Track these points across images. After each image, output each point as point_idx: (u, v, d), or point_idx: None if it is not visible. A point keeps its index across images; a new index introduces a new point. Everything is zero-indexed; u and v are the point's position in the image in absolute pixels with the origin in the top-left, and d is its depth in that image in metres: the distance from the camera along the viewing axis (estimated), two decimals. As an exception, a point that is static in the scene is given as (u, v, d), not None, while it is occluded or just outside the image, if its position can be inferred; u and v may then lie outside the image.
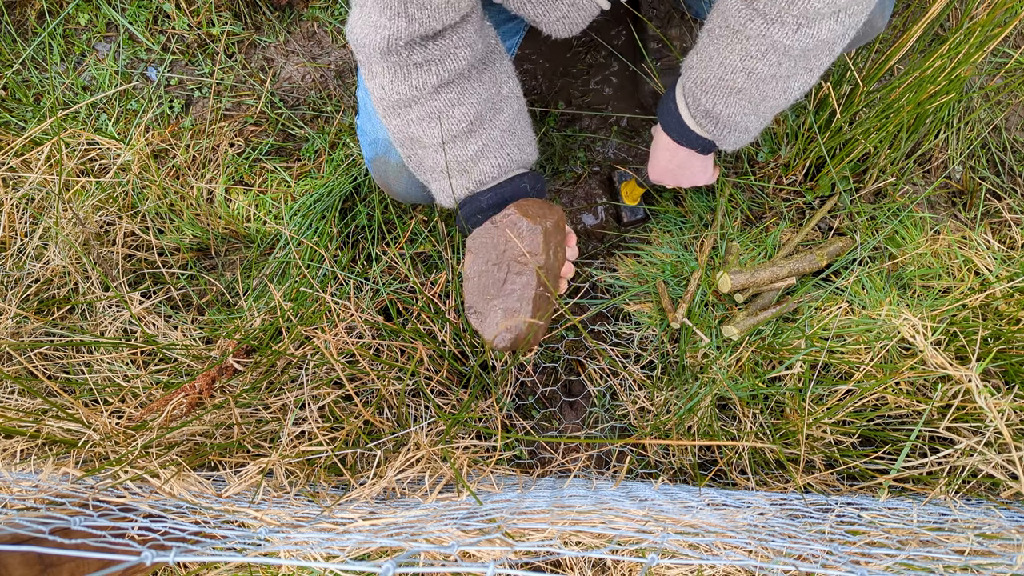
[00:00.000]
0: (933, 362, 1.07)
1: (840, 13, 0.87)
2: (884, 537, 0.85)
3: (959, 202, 1.48)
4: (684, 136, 1.09)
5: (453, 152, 1.02)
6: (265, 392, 1.20)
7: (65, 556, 0.73)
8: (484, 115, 1.02)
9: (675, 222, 1.44)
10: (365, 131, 1.19)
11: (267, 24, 1.60)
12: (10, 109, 1.56)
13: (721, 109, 1.01)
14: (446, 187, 1.05)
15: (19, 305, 1.33)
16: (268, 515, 0.89)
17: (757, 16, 0.90)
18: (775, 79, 0.95)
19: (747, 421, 1.25)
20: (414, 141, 1.02)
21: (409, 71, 0.95)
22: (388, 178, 1.17)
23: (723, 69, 0.97)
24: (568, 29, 1.11)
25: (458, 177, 1.04)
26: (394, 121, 1.01)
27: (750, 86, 0.96)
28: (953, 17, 1.49)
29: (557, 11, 1.06)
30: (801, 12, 0.86)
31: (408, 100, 0.97)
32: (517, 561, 1.04)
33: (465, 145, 1.02)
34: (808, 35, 0.89)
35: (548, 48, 1.61)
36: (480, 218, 1.07)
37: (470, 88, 1.00)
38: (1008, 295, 1.19)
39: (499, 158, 1.05)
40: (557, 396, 1.39)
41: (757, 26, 0.90)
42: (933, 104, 1.24)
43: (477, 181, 1.05)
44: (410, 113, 0.99)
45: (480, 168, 1.04)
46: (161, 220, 1.48)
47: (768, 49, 0.91)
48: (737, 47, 0.93)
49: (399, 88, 0.96)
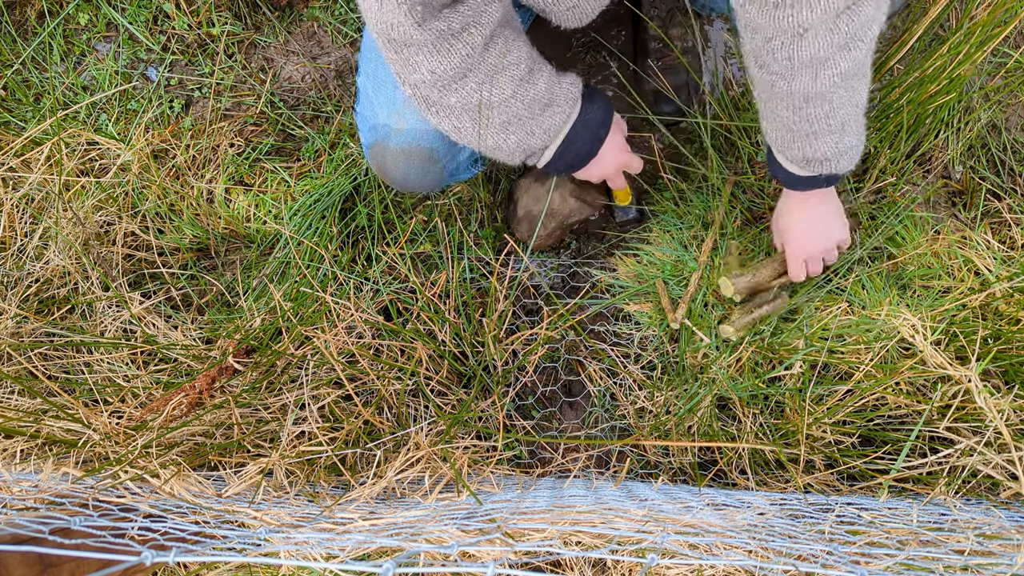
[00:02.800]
0: (933, 362, 1.07)
1: (848, 44, 0.86)
2: (884, 537, 0.85)
3: (959, 202, 1.48)
4: (802, 181, 1.10)
5: (526, 94, 1.02)
6: (265, 392, 1.20)
7: (65, 556, 0.73)
8: (532, 53, 1.03)
9: (675, 222, 1.44)
10: (365, 117, 1.18)
11: (267, 24, 1.60)
12: (10, 109, 1.56)
13: (813, 152, 1.02)
14: (536, 128, 1.07)
15: (19, 305, 1.33)
16: (268, 515, 0.89)
17: (776, 78, 0.92)
18: (837, 108, 0.95)
19: (747, 421, 1.25)
20: (482, 107, 1.01)
21: (453, 43, 0.93)
22: (386, 164, 1.16)
23: (786, 125, 0.99)
24: (578, 19, 1.10)
25: (546, 110, 1.06)
26: (454, 98, 0.99)
27: (820, 126, 0.97)
28: (953, 17, 1.49)
29: (568, 0, 1.06)
30: (806, 62, 0.87)
31: (463, 70, 0.96)
32: (517, 561, 1.04)
33: (533, 83, 1.02)
34: (830, 74, 0.89)
35: (548, 48, 1.61)
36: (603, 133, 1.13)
37: (511, 35, 1.00)
38: (1008, 295, 1.19)
39: (570, 77, 1.08)
40: (557, 396, 1.39)
41: (781, 87, 0.92)
42: (933, 104, 1.24)
43: (569, 101, 1.07)
44: (468, 82, 0.98)
45: (563, 91, 1.06)
46: (161, 220, 1.48)
47: (806, 97, 0.93)
48: (783, 104, 0.96)
49: (451, 63, 0.95)
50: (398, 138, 1.13)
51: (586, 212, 1.44)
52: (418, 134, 1.12)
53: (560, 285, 1.47)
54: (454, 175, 1.25)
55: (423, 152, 1.14)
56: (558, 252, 1.51)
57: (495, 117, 1.02)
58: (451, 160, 1.19)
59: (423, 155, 1.14)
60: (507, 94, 1.00)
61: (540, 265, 1.48)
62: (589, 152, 1.14)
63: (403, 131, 1.12)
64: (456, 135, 1.05)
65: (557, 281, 1.48)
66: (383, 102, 1.13)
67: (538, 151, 1.10)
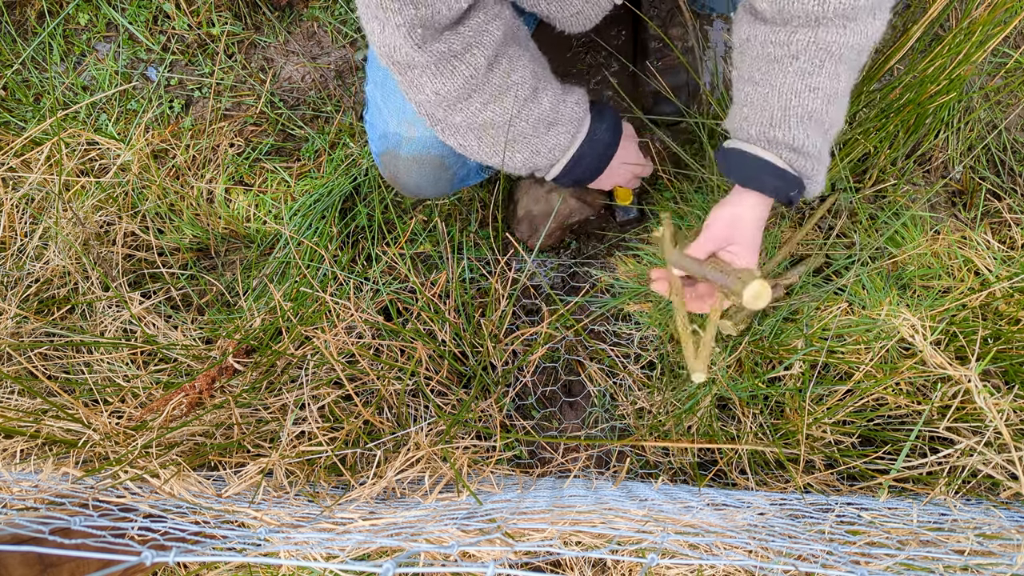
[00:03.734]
0: (933, 362, 1.07)
1: (875, 9, 0.86)
2: (884, 537, 0.85)
3: (959, 202, 1.48)
4: (779, 178, 0.94)
5: (530, 113, 1.02)
6: (265, 392, 1.20)
7: (65, 556, 0.73)
8: (537, 71, 1.03)
9: (675, 222, 1.44)
10: (375, 125, 1.18)
11: (267, 24, 1.60)
12: (10, 109, 1.56)
13: (803, 140, 0.91)
14: (542, 147, 1.06)
15: (19, 305, 1.33)
16: (268, 515, 0.89)
17: (799, 26, 0.87)
18: (837, 98, 0.91)
19: (747, 421, 1.25)
20: (485, 126, 1.01)
21: (456, 64, 0.94)
22: (398, 172, 1.17)
23: (785, 98, 0.90)
24: (582, 24, 1.10)
25: (551, 128, 1.06)
26: (459, 117, 1.00)
27: (818, 107, 0.90)
28: (953, 17, 1.49)
29: (572, 7, 1.06)
30: (838, 10, 0.85)
31: (467, 90, 0.96)
32: (517, 561, 1.04)
33: (538, 102, 1.02)
34: (855, 30, 0.87)
35: (548, 48, 1.60)
36: (610, 152, 1.12)
37: (515, 53, 0.99)
38: (1008, 295, 1.19)
39: (576, 94, 1.08)
40: (557, 396, 1.39)
41: (803, 35, 0.87)
42: (933, 104, 1.24)
43: (574, 122, 1.07)
44: (472, 102, 0.98)
45: (568, 110, 1.06)
46: (161, 220, 1.48)
47: (824, 57, 0.88)
48: (791, 70, 0.89)
49: (455, 84, 0.95)
50: (409, 146, 1.13)
51: (586, 212, 1.44)
52: (429, 142, 1.12)
53: (560, 285, 1.47)
54: (465, 180, 1.25)
55: (434, 159, 1.14)
56: (558, 252, 1.51)
57: (500, 136, 1.03)
58: (462, 167, 1.19)
59: (434, 162, 1.15)
60: (512, 114, 1.00)
61: (540, 265, 1.48)
62: (597, 169, 1.14)
63: (414, 139, 1.13)
64: (462, 151, 1.05)
65: (557, 281, 1.48)
66: (392, 111, 1.14)
67: (545, 168, 1.10)
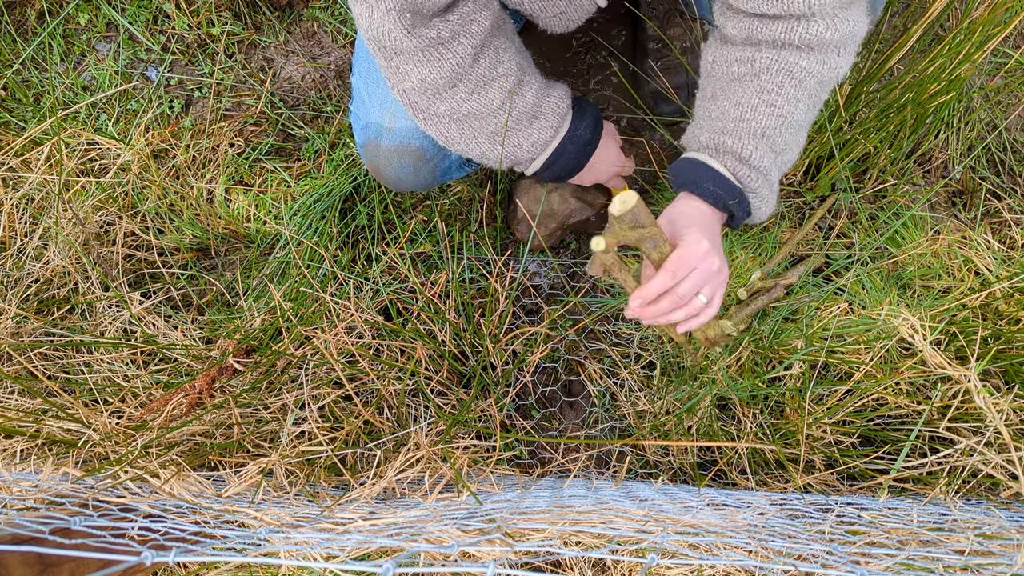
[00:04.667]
0: (933, 362, 1.07)
1: (841, 46, 0.86)
2: (884, 537, 0.85)
3: (959, 202, 1.48)
4: (719, 185, 0.92)
5: (514, 105, 1.02)
6: (265, 392, 1.20)
7: (65, 556, 0.73)
8: (523, 64, 1.03)
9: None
10: (358, 115, 1.19)
11: (267, 24, 1.60)
12: (10, 109, 1.56)
13: (751, 152, 0.91)
14: (524, 140, 1.06)
15: (19, 305, 1.33)
16: (268, 515, 0.89)
17: (764, 46, 0.89)
18: (793, 123, 0.91)
19: (747, 421, 1.25)
20: (470, 116, 1.01)
21: (443, 52, 0.94)
22: (379, 163, 1.17)
23: (741, 110, 0.91)
24: (564, 25, 1.10)
25: (533, 122, 1.05)
26: (443, 106, 1.00)
27: (773, 124, 0.90)
28: (953, 17, 1.49)
29: (555, 7, 1.06)
30: (803, 39, 0.86)
31: (453, 79, 0.96)
32: (517, 561, 1.04)
33: (522, 95, 1.02)
34: (820, 59, 0.87)
35: (548, 48, 1.61)
36: (590, 149, 1.12)
37: (501, 44, 1.00)
38: (1008, 295, 1.19)
39: (559, 89, 1.08)
40: (557, 396, 1.39)
41: (768, 54, 0.88)
42: (933, 104, 1.24)
43: (557, 116, 1.06)
44: (457, 91, 0.98)
45: (551, 104, 1.06)
46: (161, 220, 1.48)
47: (786, 78, 0.89)
48: (752, 86, 0.90)
49: (441, 72, 0.95)
50: (389, 136, 1.13)
51: (586, 212, 1.44)
52: (409, 132, 1.13)
53: (560, 285, 1.47)
54: (446, 174, 1.25)
55: (414, 150, 1.15)
56: (558, 252, 1.51)
57: (483, 127, 1.03)
58: (442, 159, 1.20)
59: (414, 153, 1.15)
60: (495, 105, 1.00)
61: (540, 265, 1.49)
62: (577, 165, 1.15)
63: (394, 130, 1.13)
64: (443, 142, 1.06)
65: (557, 281, 1.48)
66: (375, 101, 1.14)
67: (525, 162, 1.11)
